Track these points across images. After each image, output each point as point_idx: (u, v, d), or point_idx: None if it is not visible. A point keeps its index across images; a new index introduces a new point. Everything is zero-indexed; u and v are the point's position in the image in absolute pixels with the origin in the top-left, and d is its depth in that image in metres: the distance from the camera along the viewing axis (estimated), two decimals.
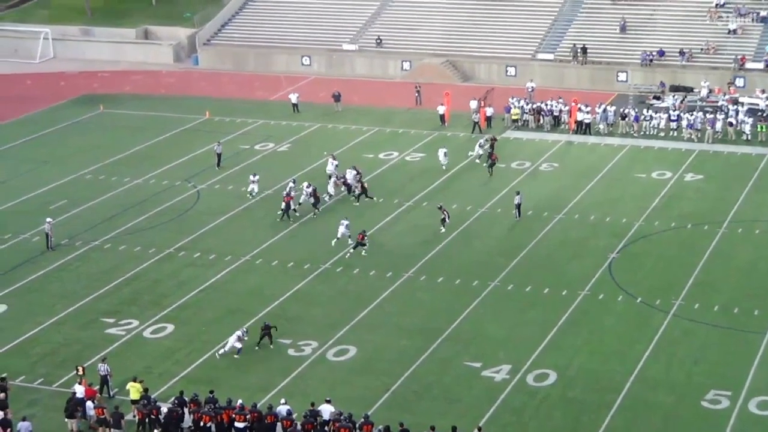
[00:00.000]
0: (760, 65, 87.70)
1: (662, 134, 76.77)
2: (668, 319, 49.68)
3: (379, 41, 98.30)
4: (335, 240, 57.62)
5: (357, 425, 39.71)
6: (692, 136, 75.47)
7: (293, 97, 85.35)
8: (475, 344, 48.08)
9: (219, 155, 72.00)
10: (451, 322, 49.93)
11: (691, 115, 77.04)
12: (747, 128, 75.54)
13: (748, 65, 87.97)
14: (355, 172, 65.47)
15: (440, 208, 60.15)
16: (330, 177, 66.20)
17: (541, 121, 79.35)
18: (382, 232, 60.44)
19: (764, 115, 78.42)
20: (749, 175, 68.22)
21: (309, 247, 58.86)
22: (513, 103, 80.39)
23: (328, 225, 60.88)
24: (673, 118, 77.07)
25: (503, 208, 62.93)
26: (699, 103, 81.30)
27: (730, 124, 75.95)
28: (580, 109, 77.75)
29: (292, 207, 62.25)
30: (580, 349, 47.42)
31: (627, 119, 77.74)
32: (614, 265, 55.61)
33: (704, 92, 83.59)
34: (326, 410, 40.86)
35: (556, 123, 79.43)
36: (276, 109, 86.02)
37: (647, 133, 77.10)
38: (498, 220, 62.05)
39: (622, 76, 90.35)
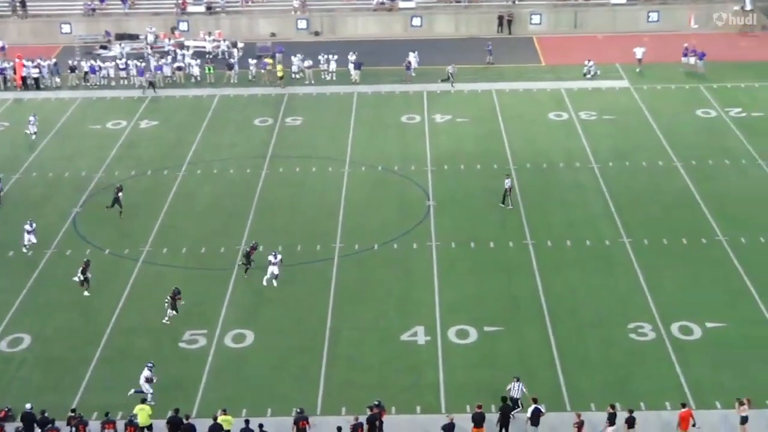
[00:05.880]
0: (202, 8, 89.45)
1: (113, 83, 76.40)
2: (138, 267, 49.82)
3: None
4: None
5: None
6: (143, 83, 75.75)
7: None
8: None
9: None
10: None
11: (140, 62, 77.32)
12: (196, 71, 77.04)
13: (190, 9, 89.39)
14: None
15: None
16: None
17: None
18: None
19: (211, 56, 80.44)
20: (203, 117, 69.70)
21: None
22: None
23: None
24: (121, 66, 76.86)
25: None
26: (147, 49, 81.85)
27: (179, 68, 77.04)
28: (24, 65, 75.45)
29: None
30: (54, 308, 46.50)
31: (77, 71, 76.47)
32: (79, 219, 54.83)
33: (151, 38, 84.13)
34: None
35: (4, 81, 76.56)
36: None
37: (98, 83, 76.36)
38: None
39: (66, 28, 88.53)
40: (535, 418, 37.34)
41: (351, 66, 76.19)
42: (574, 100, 71.42)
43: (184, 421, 37.50)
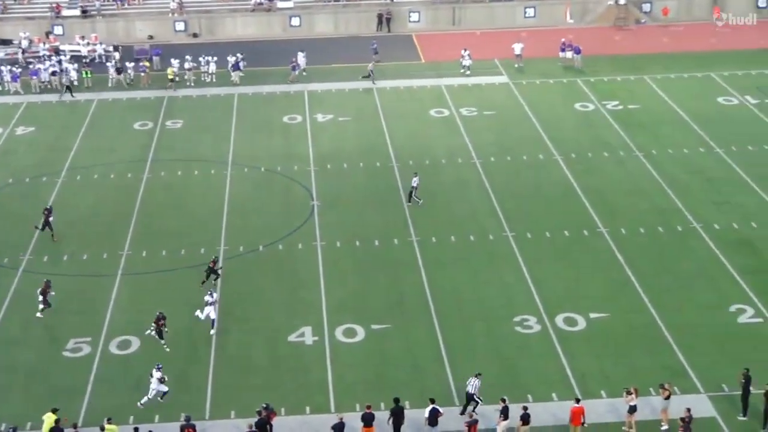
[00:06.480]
0: (77, 12, 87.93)
1: None
2: (19, 276, 48.79)
3: None
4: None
5: None
6: (17, 89, 74.19)
7: None
8: None
9: None
10: None
11: (15, 67, 75.82)
12: (73, 75, 75.75)
13: (65, 12, 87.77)
14: None
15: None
16: None
17: None
18: None
19: (88, 60, 79.16)
20: (81, 122, 68.55)
21: None
22: None
23: None
24: None
25: None
26: (21, 55, 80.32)
27: (54, 73, 75.58)
28: None
29: None
30: None
31: None
32: None
33: (25, 43, 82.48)
34: None
35: None
36: None
37: None
38: None
39: None
40: (433, 419, 37.34)
41: (230, 67, 75.62)
42: (454, 96, 71.94)
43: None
